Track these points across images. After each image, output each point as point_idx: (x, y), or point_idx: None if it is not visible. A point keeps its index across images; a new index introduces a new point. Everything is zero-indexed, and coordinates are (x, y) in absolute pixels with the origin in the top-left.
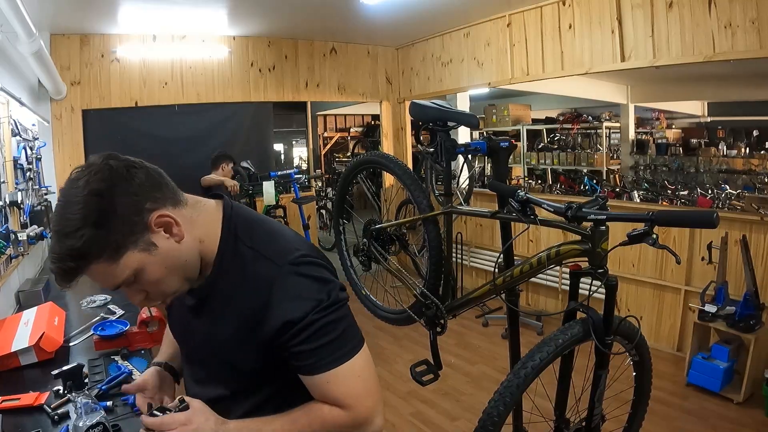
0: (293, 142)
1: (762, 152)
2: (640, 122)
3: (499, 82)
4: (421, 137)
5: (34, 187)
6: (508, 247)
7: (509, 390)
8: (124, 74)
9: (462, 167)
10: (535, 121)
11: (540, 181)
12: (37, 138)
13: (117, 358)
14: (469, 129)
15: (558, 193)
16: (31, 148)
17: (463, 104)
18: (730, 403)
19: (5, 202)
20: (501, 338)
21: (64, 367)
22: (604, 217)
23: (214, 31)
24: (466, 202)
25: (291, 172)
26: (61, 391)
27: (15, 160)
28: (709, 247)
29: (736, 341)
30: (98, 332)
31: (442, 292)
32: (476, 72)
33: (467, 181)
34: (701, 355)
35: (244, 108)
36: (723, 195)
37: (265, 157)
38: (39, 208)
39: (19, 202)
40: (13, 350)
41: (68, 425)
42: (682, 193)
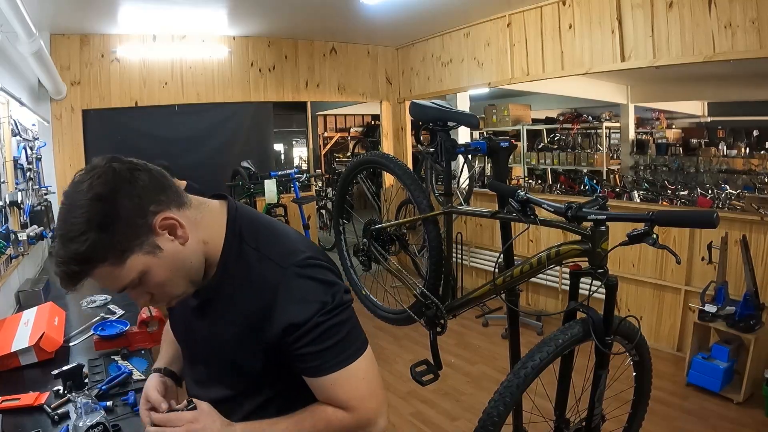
0: (293, 142)
1: (762, 152)
2: (640, 122)
3: (499, 82)
4: (421, 137)
5: (34, 187)
6: (508, 247)
7: (509, 390)
8: (124, 74)
9: (462, 167)
10: (535, 121)
11: (540, 181)
12: (37, 138)
13: (117, 358)
14: (469, 129)
15: (558, 193)
16: (31, 148)
17: (463, 104)
18: (730, 403)
19: (5, 202)
20: (501, 338)
21: (64, 367)
22: (604, 217)
23: (214, 31)
24: (466, 202)
25: (291, 171)
26: (61, 391)
27: (15, 160)
28: (709, 247)
29: (736, 341)
30: (98, 332)
31: (442, 292)
32: (476, 72)
33: (467, 181)
34: (701, 355)
35: (244, 108)
36: (723, 195)
37: (265, 157)
38: (39, 208)
39: (19, 202)
40: (13, 350)
41: (68, 425)
42: (682, 193)
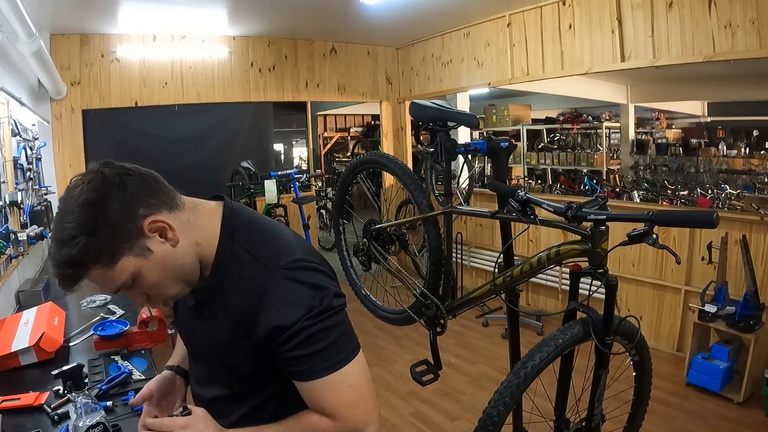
0: (293, 142)
1: (762, 152)
2: (640, 122)
3: (499, 82)
4: (421, 137)
5: (34, 187)
6: (508, 247)
7: (509, 390)
8: (124, 74)
9: (462, 167)
10: (535, 121)
11: (540, 181)
12: (37, 138)
13: (117, 358)
14: (469, 129)
15: (558, 193)
16: (31, 148)
17: (463, 104)
18: (730, 403)
19: (5, 202)
20: (501, 338)
21: (64, 367)
22: (604, 217)
23: (214, 31)
24: (466, 202)
25: (291, 172)
26: (61, 391)
27: (15, 160)
28: (709, 247)
29: (736, 341)
30: (98, 332)
31: (442, 292)
32: (476, 72)
33: (467, 181)
34: (701, 355)
35: (244, 108)
36: (723, 195)
37: (265, 157)
38: (39, 208)
39: (19, 202)
40: (13, 350)
41: (68, 425)
42: (682, 193)
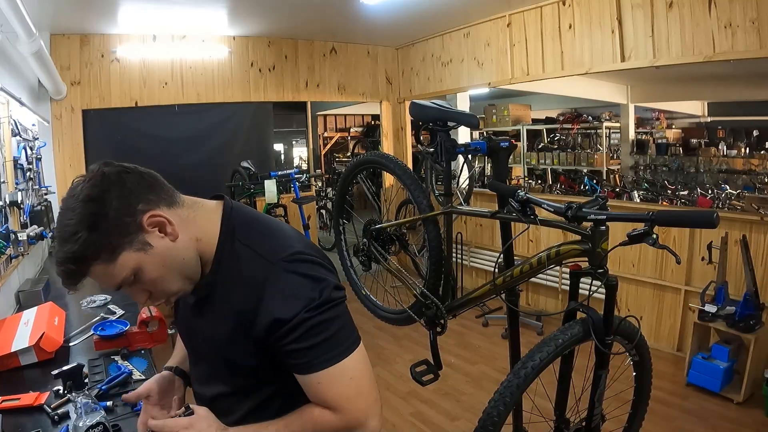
0: (293, 142)
1: (762, 152)
2: (640, 122)
3: (499, 82)
4: (421, 137)
5: (34, 187)
6: (508, 247)
7: (509, 390)
8: (124, 74)
9: (462, 167)
10: (535, 121)
11: (540, 181)
12: (37, 138)
13: (117, 358)
14: (469, 129)
15: (558, 193)
16: (31, 148)
17: (463, 104)
18: (730, 403)
19: (5, 202)
20: (501, 338)
21: (64, 367)
22: (604, 217)
23: (214, 31)
24: (466, 202)
25: (291, 172)
26: (61, 391)
27: (15, 160)
28: (709, 247)
29: (736, 341)
30: (98, 332)
31: (442, 292)
32: (476, 72)
33: (467, 181)
34: (701, 355)
35: (244, 108)
36: (723, 195)
37: (265, 157)
38: (39, 208)
39: (19, 202)
40: (13, 350)
41: (68, 425)
42: (682, 193)
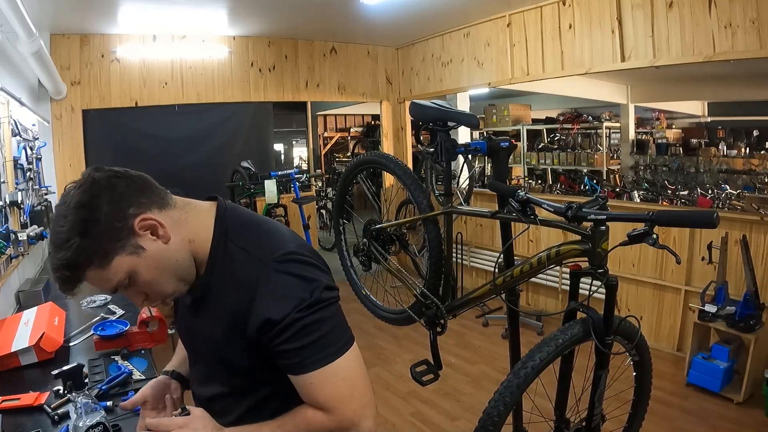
0: (293, 142)
1: (762, 152)
2: (640, 122)
3: (499, 82)
4: (421, 137)
5: (34, 187)
6: (508, 247)
7: (509, 390)
8: (124, 74)
9: (462, 167)
10: (535, 121)
11: (540, 181)
12: (37, 138)
13: (117, 358)
14: (469, 129)
15: (558, 193)
16: (31, 148)
17: (463, 104)
18: (730, 403)
19: (5, 202)
20: (501, 338)
21: (64, 367)
22: (604, 217)
23: (214, 31)
24: (466, 202)
25: (291, 172)
26: (61, 391)
27: (15, 160)
28: (709, 247)
29: (736, 341)
30: (98, 332)
31: (442, 292)
32: (476, 72)
33: (467, 181)
34: (701, 355)
35: (244, 108)
36: (723, 195)
37: (265, 157)
38: (39, 208)
39: (19, 202)
40: (13, 350)
41: (68, 425)
42: (682, 193)
